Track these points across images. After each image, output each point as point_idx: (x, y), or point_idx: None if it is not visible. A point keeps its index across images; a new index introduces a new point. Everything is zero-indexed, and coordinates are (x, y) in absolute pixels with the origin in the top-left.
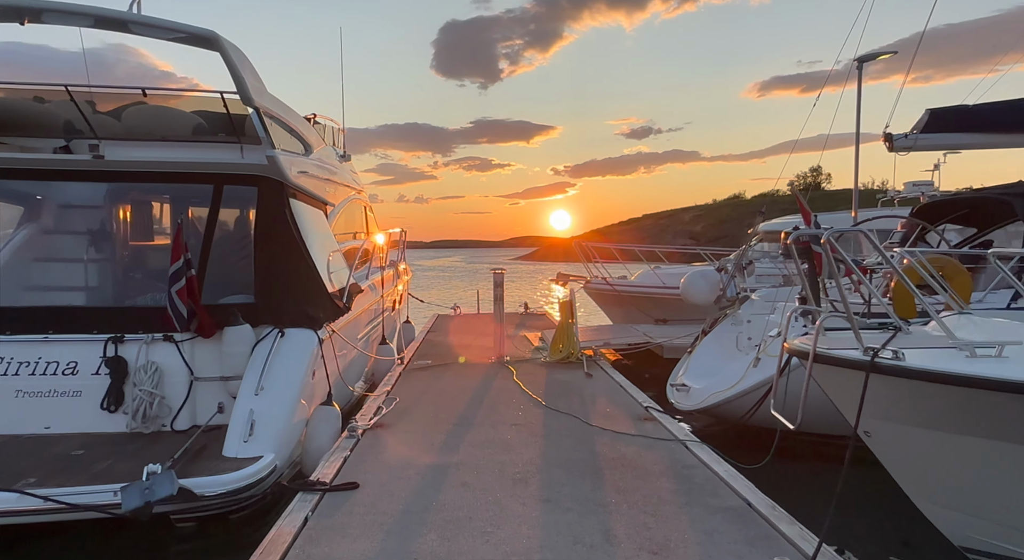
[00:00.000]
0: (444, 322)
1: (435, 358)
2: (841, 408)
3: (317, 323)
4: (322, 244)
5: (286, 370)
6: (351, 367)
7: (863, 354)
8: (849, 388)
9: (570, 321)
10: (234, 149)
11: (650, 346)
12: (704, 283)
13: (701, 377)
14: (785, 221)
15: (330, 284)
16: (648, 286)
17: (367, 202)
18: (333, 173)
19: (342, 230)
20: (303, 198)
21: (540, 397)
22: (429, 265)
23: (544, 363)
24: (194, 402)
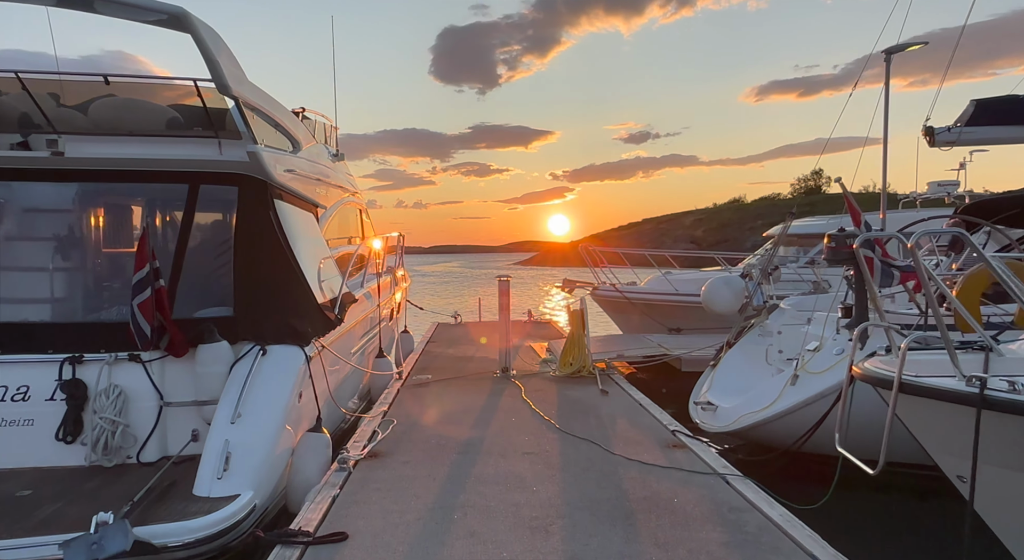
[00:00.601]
0: (445, 331)
1: (436, 372)
2: (926, 444)
3: (304, 338)
4: (311, 250)
5: (268, 393)
6: (344, 385)
7: (966, 384)
8: (938, 422)
9: (581, 333)
10: (211, 145)
11: (667, 359)
12: (728, 290)
13: (728, 394)
14: (812, 222)
15: (320, 294)
16: (660, 293)
17: (363, 205)
18: (324, 173)
19: (335, 235)
20: (290, 199)
21: (553, 418)
22: (428, 271)
23: (553, 377)
24: (164, 430)
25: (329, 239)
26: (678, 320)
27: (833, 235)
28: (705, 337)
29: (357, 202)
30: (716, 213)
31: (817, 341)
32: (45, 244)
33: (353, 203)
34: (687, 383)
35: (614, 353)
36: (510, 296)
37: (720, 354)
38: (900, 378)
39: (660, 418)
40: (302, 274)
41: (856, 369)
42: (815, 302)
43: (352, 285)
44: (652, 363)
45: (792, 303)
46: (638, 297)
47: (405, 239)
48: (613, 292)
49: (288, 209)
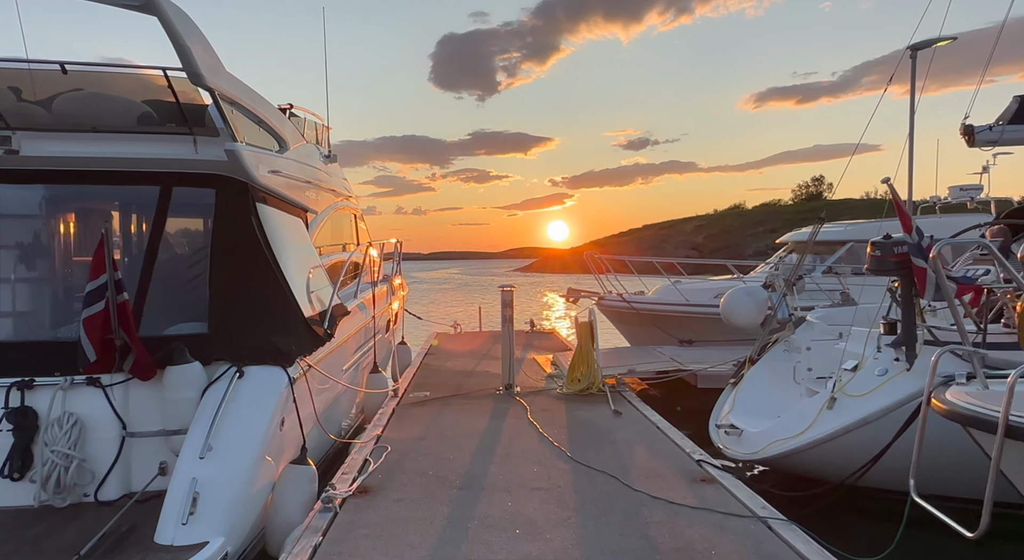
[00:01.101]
0: (443, 342)
1: (434, 388)
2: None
3: (288, 357)
4: (299, 259)
5: (245, 421)
6: (334, 407)
7: None
8: None
9: (590, 346)
10: (185, 142)
11: (682, 375)
12: (750, 302)
13: (754, 416)
14: (830, 228)
15: (308, 307)
16: (670, 303)
17: (357, 210)
18: (315, 175)
19: (327, 241)
20: (275, 203)
21: (563, 445)
22: (427, 277)
23: (560, 395)
24: (127, 464)
25: (320, 246)
26: (690, 332)
27: (878, 242)
28: (719, 350)
29: (351, 207)
30: (717, 219)
31: (855, 359)
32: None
33: (347, 208)
34: (704, 401)
35: (624, 368)
36: (513, 307)
37: (742, 371)
38: (1007, 418)
39: (682, 444)
40: (287, 285)
41: (938, 403)
42: (843, 315)
43: (345, 296)
44: (666, 379)
45: (820, 316)
46: (647, 308)
47: (404, 245)
48: (620, 302)
49: (272, 214)
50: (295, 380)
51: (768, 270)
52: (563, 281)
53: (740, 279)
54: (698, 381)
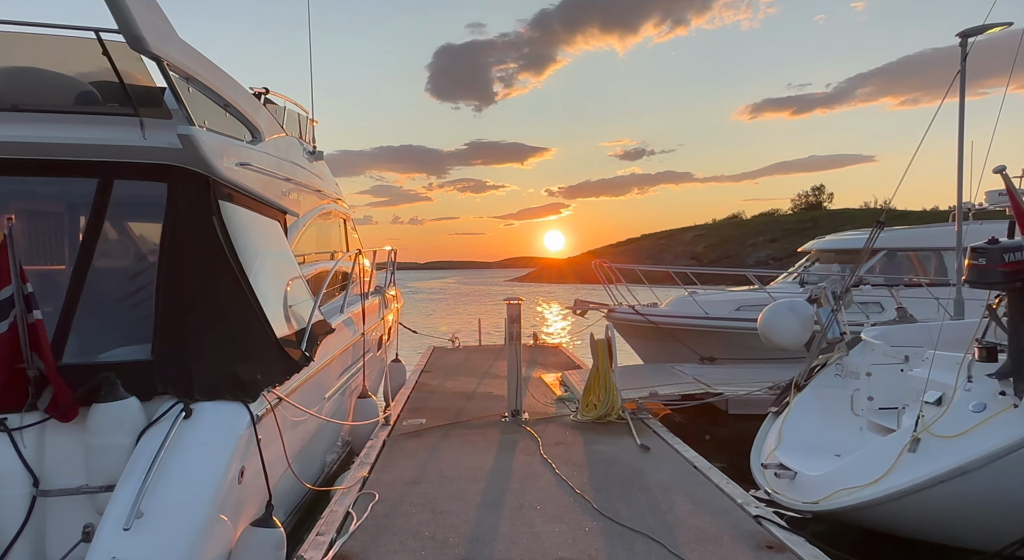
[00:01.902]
0: (441, 357)
1: (431, 414)
2: None
3: (252, 389)
4: (273, 268)
5: (189, 476)
6: (312, 445)
7: None
8: None
9: (608, 367)
10: (130, 125)
11: (713, 400)
12: (793, 319)
13: (806, 455)
14: (855, 235)
15: (283, 325)
16: (689, 316)
17: (347, 214)
18: (296, 172)
19: (311, 248)
20: (244, 202)
21: (587, 493)
22: (424, 287)
23: (575, 423)
24: (40, 531)
25: (301, 254)
26: (711, 348)
27: (981, 248)
28: (746, 369)
29: (340, 210)
30: (716, 229)
31: (939, 390)
32: None
33: (335, 212)
34: (736, 429)
35: (644, 390)
36: (521, 319)
37: (786, 398)
38: None
39: (731, 493)
40: (255, 300)
41: None
42: (906, 334)
43: (329, 310)
44: (693, 404)
45: (879, 335)
46: (664, 321)
47: (400, 255)
48: (632, 315)
49: (240, 214)
50: (260, 418)
51: (791, 281)
52: (561, 291)
53: (762, 290)
54: (729, 406)
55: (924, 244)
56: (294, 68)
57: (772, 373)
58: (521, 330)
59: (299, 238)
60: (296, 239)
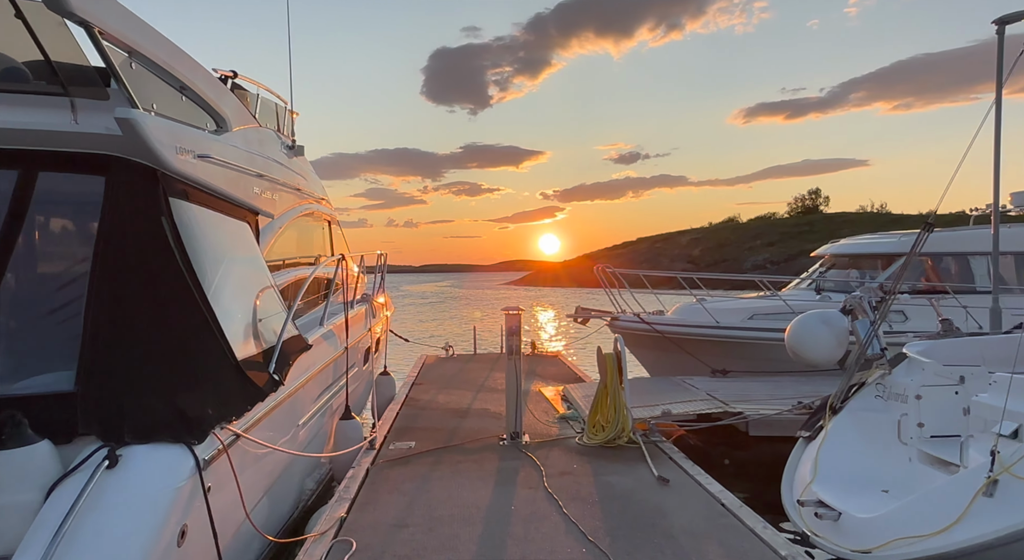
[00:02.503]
0: (434, 368)
1: (421, 436)
2: None
3: (199, 427)
4: (238, 277)
5: (106, 544)
6: (281, 482)
7: None
8: None
9: (618, 384)
10: (57, 107)
11: (733, 420)
12: (828, 332)
13: (849, 491)
14: (875, 239)
15: (247, 344)
16: (699, 326)
17: (332, 216)
18: (271, 169)
19: (289, 254)
20: (203, 200)
21: (599, 538)
22: (418, 291)
23: (581, 447)
24: None
25: (278, 260)
26: (723, 359)
27: None
28: (762, 383)
29: (323, 211)
30: (712, 232)
31: (1014, 421)
32: None
33: (317, 213)
34: (758, 454)
35: (655, 408)
36: (521, 331)
37: (820, 421)
38: None
39: (769, 539)
40: (210, 315)
41: None
42: (955, 349)
43: (308, 323)
44: (710, 425)
45: (925, 351)
46: (672, 330)
47: (395, 258)
48: (637, 323)
49: (198, 215)
50: (208, 462)
51: (805, 287)
52: (557, 295)
53: (776, 297)
54: (750, 427)
55: (952, 248)
56: (285, 65)
57: (791, 388)
58: (521, 342)
59: (274, 242)
60: (270, 243)
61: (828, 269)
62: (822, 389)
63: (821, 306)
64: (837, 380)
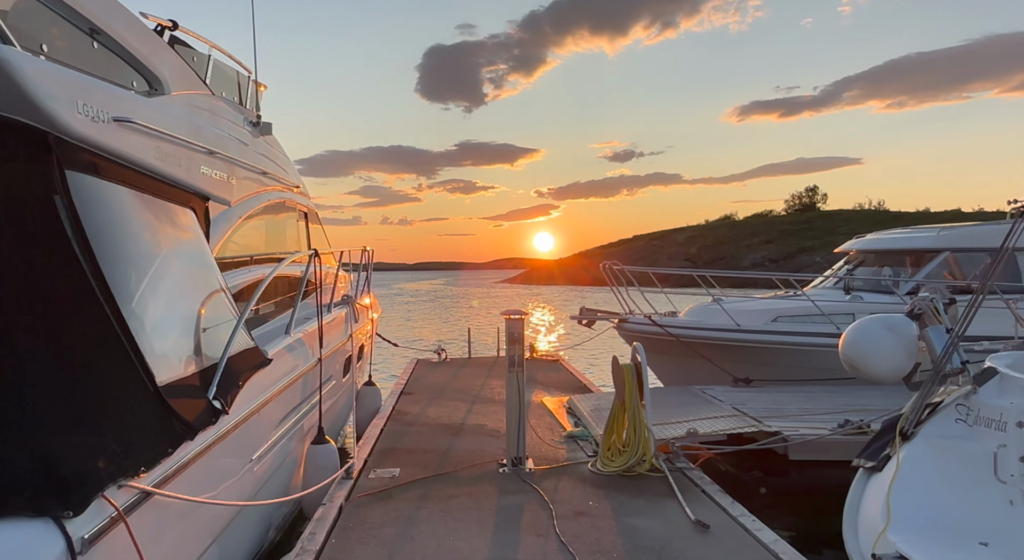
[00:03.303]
0: (425, 374)
1: (407, 459)
2: None
3: (78, 490)
4: (174, 277)
5: None
6: (227, 539)
7: None
8: None
9: (639, 402)
10: None
11: (772, 444)
12: (894, 341)
13: (935, 540)
14: (908, 234)
15: (178, 363)
16: (718, 329)
17: (308, 206)
18: (227, 144)
19: (252, 248)
20: (121, 177)
21: None
22: (412, 288)
23: (595, 475)
24: None
25: (236, 256)
26: (745, 367)
27: None
28: (792, 394)
29: (298, 201)
30: (709, 230)
31: None
32: None
33: (290, 202)
34: (799, 481)
35: (678, 427)
36: (523, 339)
37: (886, 449)
38: None
39: None
40: (122, 327)
41: None
42: None
43: (270, 333)
44: (746, 448)
45: (1017, 365)
46: (689, 334)
47: (389, 255)
48: (648, 325)
49: (112, 195)
50: (91, 540)
51: (831, 286)
52: (552, 293)
53: (803, 297)
54: (790, 451)
55: (995, 244)
56: (286, 64)
57: (825, 400)
58: (523, 353)
59: (230, 234)
60: (225, 236)
61: (856, 266)
62: (860, 401)
63: (852, 308)
64: (875, 391)
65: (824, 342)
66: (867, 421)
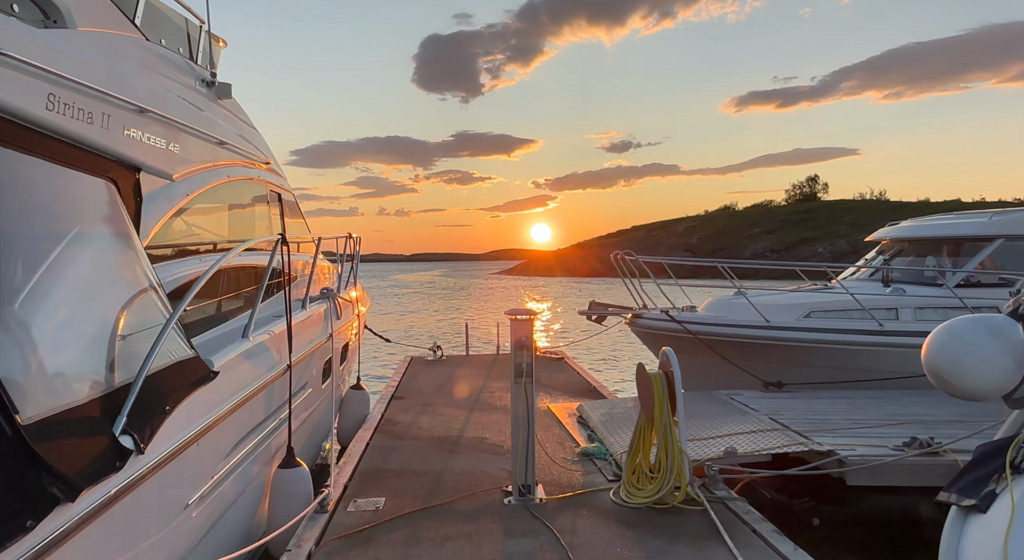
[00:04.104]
0: (419, 374)
1: (394, 483)
2: None
3: None
4: (78, 273)
5: None
6: None
7: None
8: None
9: (671, 418)
10: None
11: (828, 469)
12: (999, 349)
13: None
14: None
15: (73, 387)
16: (747, 325)
17: (281, 185)
18: (169, 104)
19: (207, 236)
20: None
21: None
22: (408, 280)
23: (619, 508)
24: None
25: (177, 245)
26: (777, 368)
27: None
28: (831, 401)
29: (268, 179)
30: (709, 220)
31: None
32: None
33: (258, 180)
34: (860, 511)
35: (713, 444)
36: (532, 346)
37: (992, 486)
38: None
39: None
40: None
41: None
42: None
43: (221, 338)
44: (798, 473)
45: None
46: (712, 332)
47: (386, 247)
48: (666, 321)
49: None
50: None
51: (865, 277)
52: (551, 284)
53: (839, 290)
54: (848, 475)
55: None
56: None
57: (873, 408)
58: (534, 362)
59: (173, 216)
60: (165, 218)
61: (893, 256)
62: (912, 411)
63: (895, 302)
64: (926, 397)
65: (866, 341)
66: (938, 440)
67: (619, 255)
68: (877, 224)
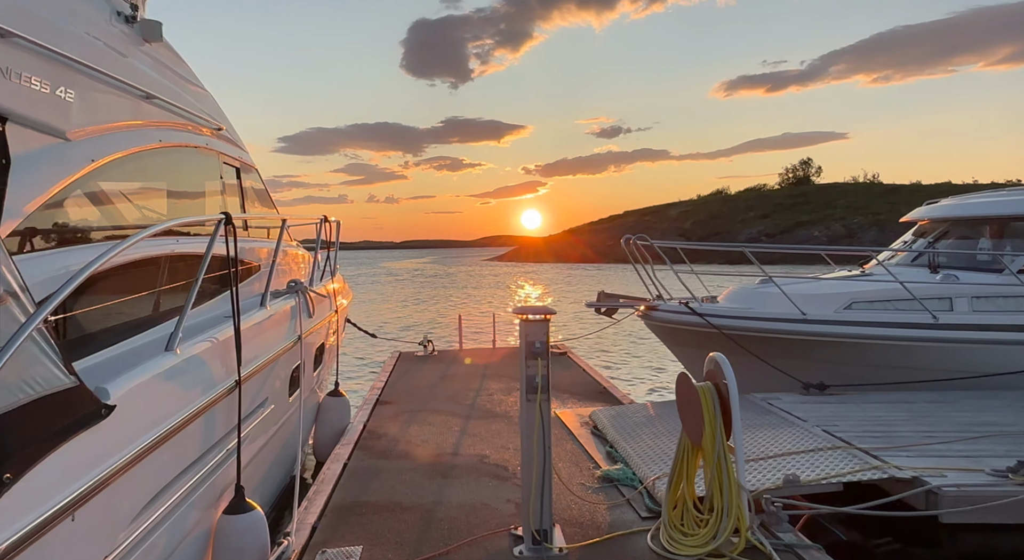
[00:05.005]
0: (407, 372)
1: (375, 525)
2: None
3: None
4: None
5: None
6: None
7: None
8: None
9: (724, 442)
10: None
11: (908, 496)
12: None
13: None
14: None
15: None
16: (778, 318)
17: (237, 157)
18: (59, 38)
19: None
20: None
21: None
22: (398, 268)
23: (662, 556)
24: None
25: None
26: (817, 367)
27: None
28: (888, 408)
29: (218, 149)
30: (702, 205)
31: None
32: None
33: (205, 149)
34: (958, 554)
35: (771, 470)
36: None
37: None
38: None
39: None
40: None
41: None
42: None
43: (146, 348)
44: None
45: None
46: (741, 326)
47: (376, 234)
48: (686, 314)
49: None
50: None
51: (911, 263)
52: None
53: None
54: (942, 511)
55: None
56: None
57: (940, 415)
58: (550, 378)
59: (69, 186)
60: (54, 188)
61: (937, 238)
62: (986, 417)
63: (949, 290)
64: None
65: (921, 335)
66: None
67: (631, 240)
68: (872, 207)
